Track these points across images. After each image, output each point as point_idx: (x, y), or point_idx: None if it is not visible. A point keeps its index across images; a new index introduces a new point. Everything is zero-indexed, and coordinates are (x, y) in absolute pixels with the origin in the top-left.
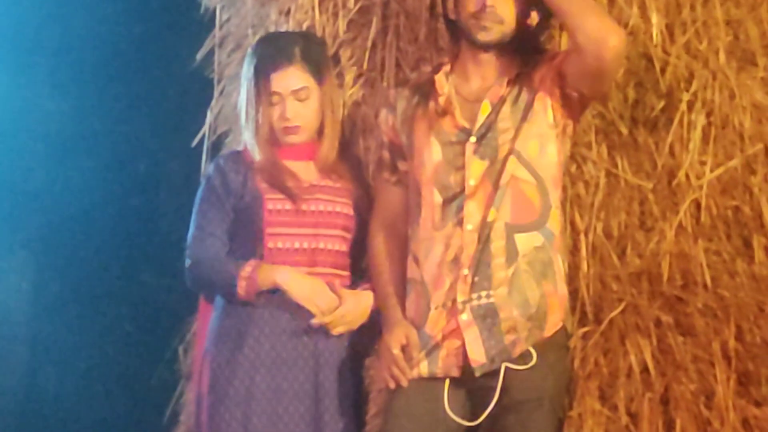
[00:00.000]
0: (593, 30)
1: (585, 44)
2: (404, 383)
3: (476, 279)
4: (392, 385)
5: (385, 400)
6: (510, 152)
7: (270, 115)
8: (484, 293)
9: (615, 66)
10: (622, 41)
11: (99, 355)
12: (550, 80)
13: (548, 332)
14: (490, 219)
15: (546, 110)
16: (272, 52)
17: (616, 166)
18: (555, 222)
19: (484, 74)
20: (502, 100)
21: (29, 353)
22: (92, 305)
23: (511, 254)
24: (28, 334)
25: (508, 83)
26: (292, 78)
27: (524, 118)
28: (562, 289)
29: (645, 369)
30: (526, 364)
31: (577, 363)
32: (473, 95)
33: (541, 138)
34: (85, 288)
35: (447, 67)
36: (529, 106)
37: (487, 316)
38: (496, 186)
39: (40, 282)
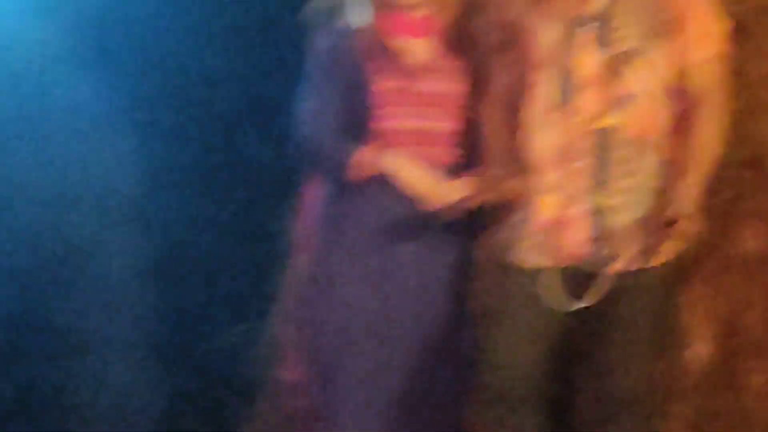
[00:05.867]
0: None
1: None
2: None
3: (594, 182)
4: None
5: (487, 282)
6: (631, 54)
7: None
8: (600, 196)
9: None
10: None
11: (203, 230)
12: None
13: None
14: (614, 124)
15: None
16: None
17: None
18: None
19: None
20: None
21: (142, 228)
22: (196, 177)
23: (634, 165)
24: (135, 211)
25: None
26: None
27: (641, 20)
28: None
29: None
30: None
31: None
32: None
33: (658, 49)
34: (186, 159)
35: None
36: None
37: (600, 218)
38: (615, 84)
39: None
